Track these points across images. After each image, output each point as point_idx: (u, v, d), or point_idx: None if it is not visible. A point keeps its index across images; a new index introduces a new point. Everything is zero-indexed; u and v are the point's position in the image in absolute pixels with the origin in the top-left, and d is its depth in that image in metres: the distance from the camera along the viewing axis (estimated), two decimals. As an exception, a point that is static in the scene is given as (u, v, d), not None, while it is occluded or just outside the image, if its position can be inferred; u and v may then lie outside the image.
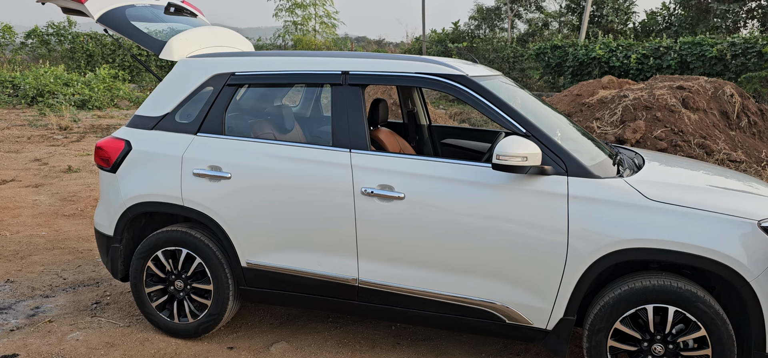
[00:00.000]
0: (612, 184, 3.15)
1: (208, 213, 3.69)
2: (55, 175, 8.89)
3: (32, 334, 3.95)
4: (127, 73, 23.30)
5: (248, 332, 4.07)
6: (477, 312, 3.36)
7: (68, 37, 25.95)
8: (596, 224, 3.08)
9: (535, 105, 3.96)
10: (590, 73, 20.27)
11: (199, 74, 3.87)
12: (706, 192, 3.29)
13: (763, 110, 10.98)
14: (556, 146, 3.24)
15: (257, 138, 3.79)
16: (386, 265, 3.46)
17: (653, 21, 26.46)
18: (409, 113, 5.24)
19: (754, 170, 8.74)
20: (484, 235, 3.25)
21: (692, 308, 2.99)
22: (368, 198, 3.42)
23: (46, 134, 12.78)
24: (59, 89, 17.99)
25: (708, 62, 17.25)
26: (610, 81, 13.05)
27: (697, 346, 3.04)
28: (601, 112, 10.13)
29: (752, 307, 2.95)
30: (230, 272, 3.77)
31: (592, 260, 3.09)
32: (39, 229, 6.28)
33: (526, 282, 3.24)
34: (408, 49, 34.36)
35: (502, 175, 3.24)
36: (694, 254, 2.95)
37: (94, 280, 4.92)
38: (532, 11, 34.31)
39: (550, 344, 3.31)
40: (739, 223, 2.97)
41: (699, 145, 9.07)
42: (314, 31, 34.44)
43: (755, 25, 24.22)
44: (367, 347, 3.88)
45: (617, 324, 3.12)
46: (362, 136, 3.52)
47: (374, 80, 3.59)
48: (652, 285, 3.05)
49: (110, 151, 3.93)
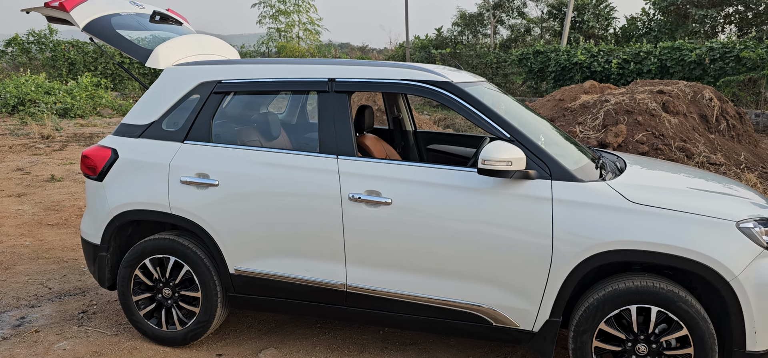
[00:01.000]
0: (595, 187, 3.22)
1: (196, 220, 3.70)
2: (38, 185, 8.81)
3: (18, 344, 3.93)
4: (109, 82, 23.12)
5: (237, 338, 4.08)
6: (464, 315, 3.41)
7: (49, 45, 25.67)
8: (580, 227, 3.14)
9: (518, 110, 4.02)
10: (572, 78, 20.49)
11: (185, 82, 3.88)
12: (686, 194, 3.37)
13: (742, 114, 11.19)
14: (539, 151, 3.29)
15: (244, 145, 3.81)
16: (374, 270, 3.50)
17: (633, 26, 26.81)
18: (395, 119, 5.29)
19: (733, 173, 8.90)
20: (471, 239, 3.29)
21: (674, 307, 3.06)
22: (356, 204, 3.45)
23: (27, 143, 12.65)
24: (41, 98, 17.82)
25: (687, 67, 17.51)
26: (591, 86, 13.21)
27: (679, 345, 3.11)
28: (584, 117, 10.25)
29: (732, 306, 3.03)
30: (218, 279, 3.78)
31: (577, 262, 3.15)
32: (23, 239, 6.23)
33: (512, 285, 3.29)
34: (392, 55, 34.45)
35: (488, 179, 3.29)
36: (675, 254, 3.02)
37: (80, 289, 4.90)
38: (514, 17, 34.59)
39: (536, 346, 3.36)
40: (718, 224, 3.05)
41: (679, 148, 9.21)
42: (298, 37, 34.42)
43: (733, 30, 24.65)
44: (355, 352, 3.91)
45: (602, 325, 3.18)
46: (349, 142, 3.56)
47: (360, 87, 3.63)
48: (635, 286, 3.11)
49: (96, 159, 3.93)
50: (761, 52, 15.68)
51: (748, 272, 3.00)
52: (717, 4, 23.92)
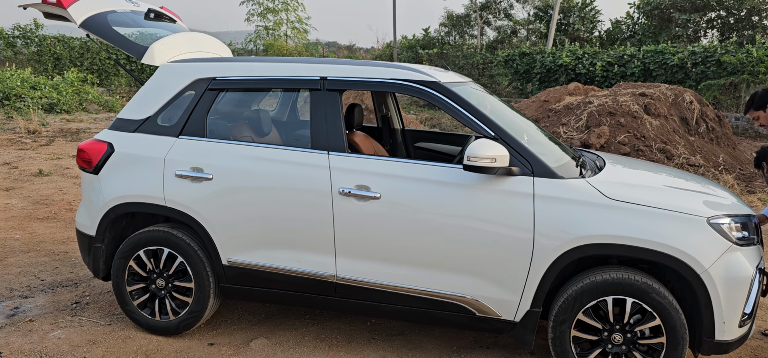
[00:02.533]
0: (574, 184, 3.37)
1: (190, 213, 3.80)
2: (26, 179, 8.84)
3: (13, 333, 4.01)
4: (95, 77, 22.98)
5: (228, 328, 4.19)
6: (449, 306, 3.55)
7: (35, 40, 25.49)
8: (560, 222, 3.30)
9: (503, 110, 4.17)
10: (557, 79, 20.73)
11: (181, 79, 3.99)
12: (661, 192, 3.54)
13: (721, 117, 11.44)
14: (522, 149, 3.45)
15: (237, 141, 3.91)
16: (363, 262, 3.62)
17: (618, 29, 27.14)
18: (383, 118, 5.42)
19: (712, 174, 9.13)
20: (456, 232, 3.44)
21: (648, 299, 3.22)
22: (346, 198, 3.58)
23: (14, 138, 12.62)
24: (26, 92, 17.73)
25: (670, 70, 17.81)
26: (576, 88, 13.43)
27: (652, 334, 3.28)
28: (567, 118, 10.44)
29: (702, 297, 3.20)
30: (211, 270, 3.89)
31: (556, 255, 3.30)
32: (13, 232, 6.28)
33: (495, 277, 3.43)
34: (379, 54, 34.55)
35: (473, 175, 3.44)
36: (649, 248, 3.19)
37: (73, 281, 4.98)
38: (500, 19, 34.83)
39: (517, 335, 3.51)
40: (689, 220, 3.22)
41: (660, 149, 9.43)
42: (286, 36, 34.42)
43: (715, 35, 25.04)
44: (343, 342, 4.03)
45: (580, 315, 3.34)
46: (340, 138, 3.69)
47: (351, 86, 3.76)
48: (612, 278, 3.28)
49: (92, 153, 4.02)
50: (741, 56, 16.00)
51: (717, 265, 3.17)
52: (700, 9, 24.31)
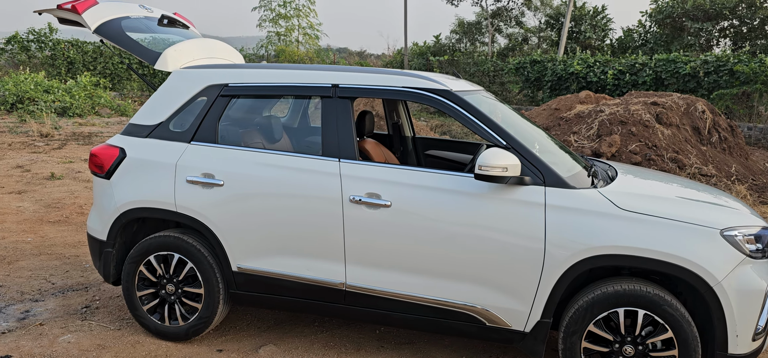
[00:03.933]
0: (586, 194, 3.35)
1: (200, 219, 3.81)
2: (38, 182, 8.91)
3: (24, 336, 4.03)
4: (108, 81, 23.18)
5: (237, 335, 4.19)
6: (458, 315, 3.53)
7: (49, 44, 25.75)
8: (571, 232, 3.27)
9: (514, 119, 4.16)
10: (568, 87, 20.68)
11: (193, 85, 4.00)
12: (673, 202, 3.51)
13: (733, 127, 11.36)
14: (534, 158, 3.43)
15: (248, 147, 3.92)
16: (373, 270, 3.62)
17: (629, 38, 27.06)
18: (394, 125, 5.42)
19: (724, 184, 9.06)
20: (466, 241, 3.42)
21: (660, 311, 3.19)
22: (356, 206, 3.57)
23: (27, 141, 12.73)
24: (40, 96, 17.90)
25: (682, 79, 17.72)
26: (587, 96, 13.38)
27: (664, 347, 3.24)
28: (579, 127, 10.40)
29: (715, 310, 3.16)
30: (221, 276, 3.89)
31: (568, 266, 3.28)
32: (24, 235, 6.32)
33: (505, 286, 3.41)
34: (389, 61, 34.62)
35: (484, 184, 3.42)
36: (662, 260, 3.16)
37: (83, 285, 5.00)
38: (512, 26, 34.84)
39: (527, 346, 3.49)
40: (702, 231, 3.19)
41: (672, 159, 9.36)
42: (297, 42, 34.58)
43: (727, 44, 24.91)
44: (352, 350, 4.02)
45: (591, 326, 3.31)
46: (350, 146, 3.69)
47: (363, 93, 3.76)
48: (623, 290, 3.25)
49: (104, 158, 4.04)
50: (754, 66, 15.89)
51: (730, 278, 3.14)
52: (712, 18, 24.19)
